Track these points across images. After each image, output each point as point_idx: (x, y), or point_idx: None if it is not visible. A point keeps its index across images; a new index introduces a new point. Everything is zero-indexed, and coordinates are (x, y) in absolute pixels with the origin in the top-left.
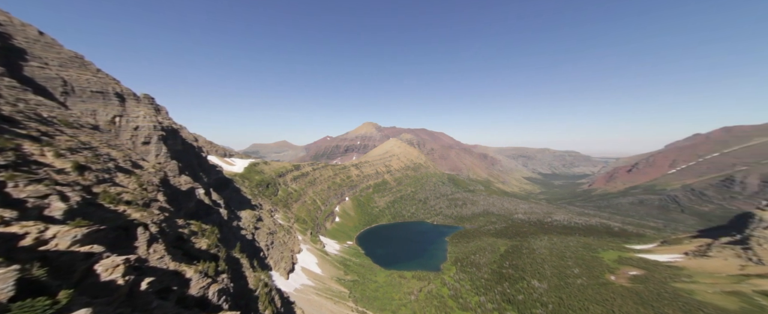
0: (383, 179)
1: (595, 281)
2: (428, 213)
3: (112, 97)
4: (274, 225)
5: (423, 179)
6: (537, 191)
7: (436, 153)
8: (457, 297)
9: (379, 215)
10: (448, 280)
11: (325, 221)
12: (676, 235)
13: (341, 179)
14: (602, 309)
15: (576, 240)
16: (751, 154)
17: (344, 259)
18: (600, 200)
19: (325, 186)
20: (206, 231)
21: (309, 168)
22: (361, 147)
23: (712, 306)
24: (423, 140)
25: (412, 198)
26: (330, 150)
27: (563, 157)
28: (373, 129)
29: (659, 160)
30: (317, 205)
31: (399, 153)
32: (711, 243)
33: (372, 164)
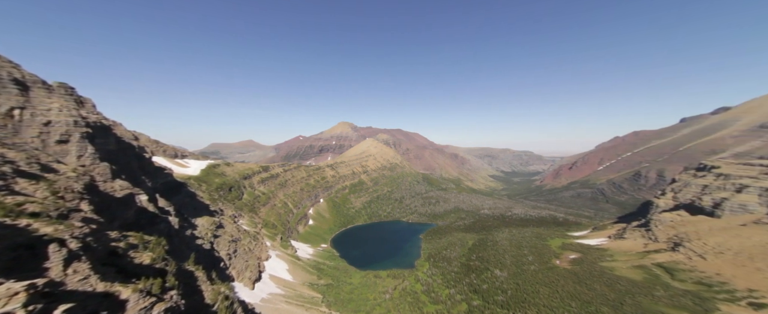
0: (360, 179)
1: (545, 266)
2: (404, 212)
3: (7, 84)
4: (237, 231)
5: (399, 179)
6: (500, 188)
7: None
8: (429, 291)
9: (355, 216)
10: (421, 276)
11: (297, 225)
12: (602, 222)
13: (315, 180)
14: (549, 290)
15: (530, 231)
16: (651, 153)
17: (318, 263)
18: (548, 194)
19: (297, 188)
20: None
21: (279, 170)
22: (337, 147)
23: (625, 279)
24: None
25: (388, 197)
26: (303, 150)
27: (521, 156)
28: (349, 129)
29: (591, 159)
30: (288, 208)
31: (376, 153)
32: (625, 227)
33: (348, 164)
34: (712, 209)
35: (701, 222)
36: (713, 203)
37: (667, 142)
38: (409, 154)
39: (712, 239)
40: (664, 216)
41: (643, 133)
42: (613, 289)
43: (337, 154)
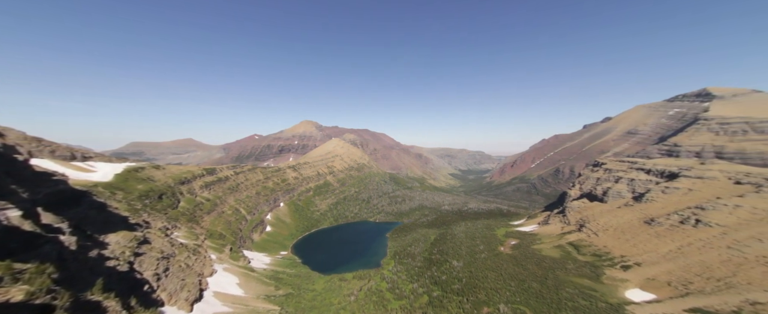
0: (325, 181)
1: (492, 253)
2: (371, 212)
3: None
4: (170, 246)
5: (366, 179)
6: (458, 185)
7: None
8: (393, 288)
9: (320, 219)
10: (386, 274)
11: (251, 233)
12: (534, 212)
13: (275, 183)
14: (495, 274)
15: (482, 223)
16: (566, 153)
17: (276, 273)
18: (496, 189)
19: (252, 193)
20: (26, 272)
21: (229, 172)
22: (300, 147)
23: (549, 257)
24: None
25: (355, 198)
26: (259, 150)
27: (475, 156)
28: (313, 128)
29: (526, 158)
30: (241, 215)
31: (342, 153)
32: (549, 214)
33: (313, 165)
34: (602, 196)
35: (596, 207)
36: (602, 191)
37: (575, 144)
38: (377, 154)
39: (601, 220)
40: (573, 204)
41: (560, 137)
42: (540, 267)
43: (299, 155)
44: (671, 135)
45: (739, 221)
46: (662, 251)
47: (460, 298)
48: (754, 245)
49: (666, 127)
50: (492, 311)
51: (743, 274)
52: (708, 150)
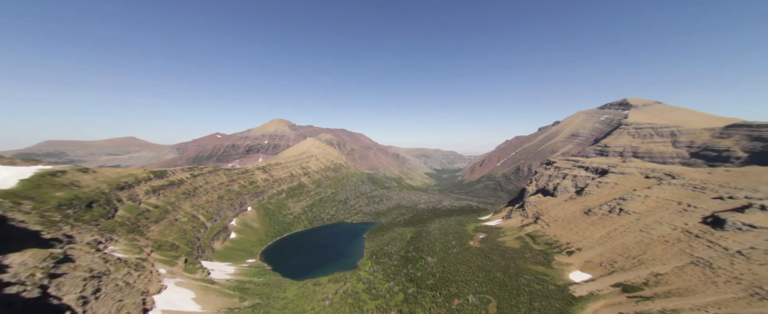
0: (299, 182)
1: (463, 247)
2: (348, 213)
3: None
4: (103, 263)
5: (344, 179)
6: (433, 184)
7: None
8: (370, 289)
9: (293, 222)
10: (363, 275)
11: (212, 241)
12: (499, 207)
13: (241, 186)
14: (465, 267)
15: (454, 219)
16: (525, 153)
17: (241, 283)
18: (467, 187)
19: (213, 197)
20: None
21: (184, 175)
22: (271, 147)
23: (511, 248)
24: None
25: (332, 199)
26: (222, 150)
27: (448, 155)
28: (286, 127)
29: (492, 158)
30: (199, 223)
31: (318, 153)
32: (511, 209)
33: (285, 166)
34: (553, 191)
35: (548, 201)
36: (553, 187)
37: (532, 145)
38: (355, 154)
39: (552, 212)
40: (530, 199)
41: (520, 138)
42: (504, 257)
43: (270, 155)
44: (603, 137)
45: (648, 208)
46: (596, 237)
47: (434, 293)
48: (657, 227)
49: (599, 130)
50: (462, 302)
51: (650, 252)
52: (628, 150)
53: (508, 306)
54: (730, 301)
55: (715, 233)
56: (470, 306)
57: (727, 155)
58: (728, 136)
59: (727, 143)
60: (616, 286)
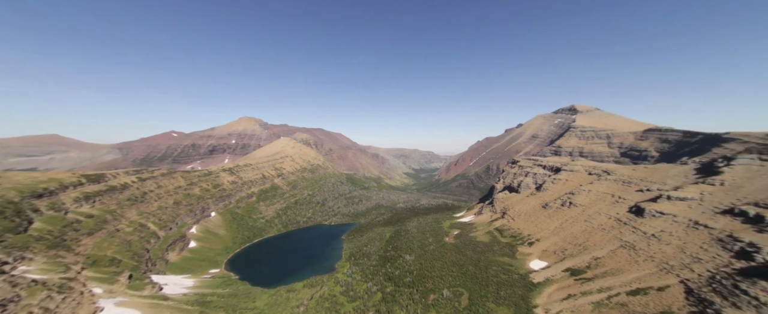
0: (273, 184)
1: (439, 244)
2: (326, 215)
3: None
4: (10, 288)
5: (321, 180)
6: (411, 183)
7: (334, 153)
8: (348, 291)
9: (265, 227)
10: (341, 277)
11: (166, 252)
12: (472, 204)
13: (203, 189)
14: (441, 263)
15: (431, 217)
16: (494, 153)
17: (202, 296)
18: (443, 186)
19: (168, 202)
20: None
21: (129, 179)
22: (239, 147)
23: (482, 242)
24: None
25: (309, 201)
26: (179, 150)
27: (426, 155)
28: (256, 125)
29: (466, 157)
30: (149, 232)
31: (293, 153)
32: (482, 205)
33: (257, 167)
34: (517, 188)
35: (513, 197)
36: (517, 184)
37: (500, 145)
38: (333, 155)
39: (517, 207)
40: (498, 196)
41: (490, 139)
42: (475, 251)
43: (238, 156)
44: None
45: (590, 201)
46: (551, 228)
47: (411, 290)
48: (597, 217)
49: (554, 132)
50: (437, 297)
51: (591, 239)
52: (575, 150)
53: (479, 297)
54: (646, 276)
55: (637, 220)
56: (445, 300)
57: (645, 154)
58: (646, 139)
59: (645, 144)
60: (566, 271)
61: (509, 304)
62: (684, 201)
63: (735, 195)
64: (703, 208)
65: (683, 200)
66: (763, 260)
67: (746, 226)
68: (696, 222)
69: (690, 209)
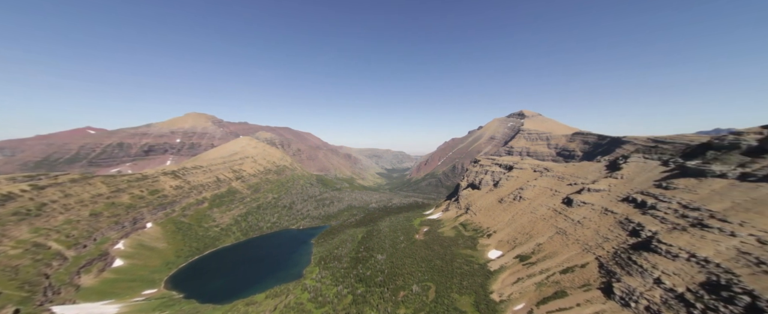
0: (230, 187)
1: (410, 242)
2: (294, 219)
3: None
4: None
5: (288, 183)
6: (384, 183)
7: (303, 154)
8: (316, 297)
9: (219, 236)
10: (309, 284)
11: (76, 275)
12: (440, 202)
13: (134, 197)
14: (411, 260)
15: (403, 216)
16: (459, 153)
17: None
18: (414, 185)
19: (81, 214)
20: None
21: (16, 187)
22: (185, 147)
23: (448, 237)
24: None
25: (274, 205)
26: (98, 150)
27: (398, 155)
28: (208, 123)
29: (435, 157)
30: (50, 253)
31: (255, 154)
32: (449, 203)
33: (209, 169)
34: (478, 185)
35: (475, 193)
36: (478, 181)
37: (464, 145)
38: (302, 155)
39: (478, 203)
40: (463, 193)
41: (455, 140)
42: (442, 246)
43: (185, 157)
44: (510, 140)
45: (535, 195)
46: (505, 220)
47: (382, 289)
48: (540, 209)
49: (507, 134)
50: (407, 293)
51: (536, 228)
52: (524, 150)
53: (444, 289)
54: (573, 256)
55: (567, 209)
56: (414, 295)
57: (573, 154)
58: (573, 141)
59: (572, 145)
60: (516, 258)
61: (470, 293)
62: (598, 192)
63: (629, 186)
64: (611, 197)
65: (598, 191)
66: (645, 236)
67: (636, 210)
68: (606, 209)
69: (602, 198)
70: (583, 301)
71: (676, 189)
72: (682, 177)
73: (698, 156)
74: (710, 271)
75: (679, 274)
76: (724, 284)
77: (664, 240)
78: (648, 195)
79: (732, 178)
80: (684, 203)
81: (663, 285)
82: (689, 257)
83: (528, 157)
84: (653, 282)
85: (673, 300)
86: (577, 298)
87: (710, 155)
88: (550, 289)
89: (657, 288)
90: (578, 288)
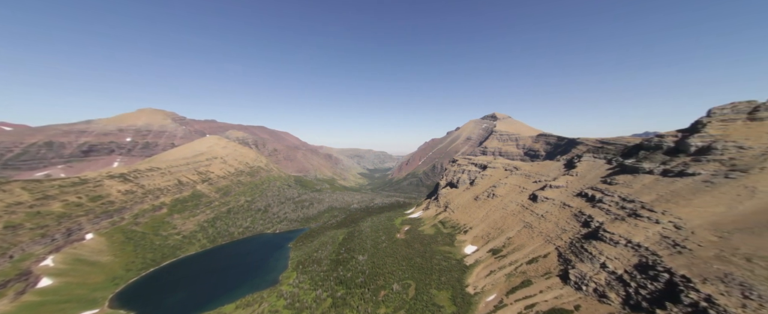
0: (194, 191)
1: (391, 241)
2: (269, 223)
3: None
4: None
5: (263, 184)
6: (366, 183)
7: (280, 154)
8: (293, 303)
9: (181, 244)
10: (285, 290)
11: None
12: (421, 201)
13: (68, 205)
14: (393, 259)
15: (385, 216)
16: (439, 153)
17: None
18: (396, 185)
19: None
20: None
21: None
22: (137, 146)
23: (428, 235)
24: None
25: (247, 209)
26: (17, 152)
27: (379, 155)
28: (167, 120)
29: (416, 157)
30: None
31: (225, 154)
32: (429, 201)
33: (169, 171)
34: (456, 183)
35: (453, 192)
36: (456, 180)
37: (443, 145)
38: (278, 156)
39: (456, 201)
40: (442, 191)
41: (435, 140)
42: (423, 244)
43: (138, 157)
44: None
45: (506, 192)
46: (480, 216)
47: (362, 290)
48: (510, 205)
49: (482, 135)
50: (387, 292)
51: (506, 223)
52: (497, 150)
53: (424, 286)
54: (538, 248)
55: (533, 205)
56: (394, 294)
57: (538, 153)
58: (538, 142)
59: (537, 146)
60: (489, 252)
61: (448, 287)
62: (558, 188)
63: (582, 182)
64: (568, 193)
65: (558, 188)
66: (594, 226)
67: (587, 204)
68: (564, 203)
69: (561, 194)
70: (545, 288)
71: (617, 184)
72: (622, 173)
73: (633, 155)
74: (641, 254)
75: (619, 258)
76: (650, 264)
77: (608, 229)
78: (596, 190)
79: (657, 174)
80: (623, 196)
81: (607, 268)
82: (626, 243)
83: (500, 156)
84: (600, 266)
85: (614, 281)
86: (540, 286)
87: (642, 154)
88: (518, 279)
89: (603, 272)
90: (541, 276)
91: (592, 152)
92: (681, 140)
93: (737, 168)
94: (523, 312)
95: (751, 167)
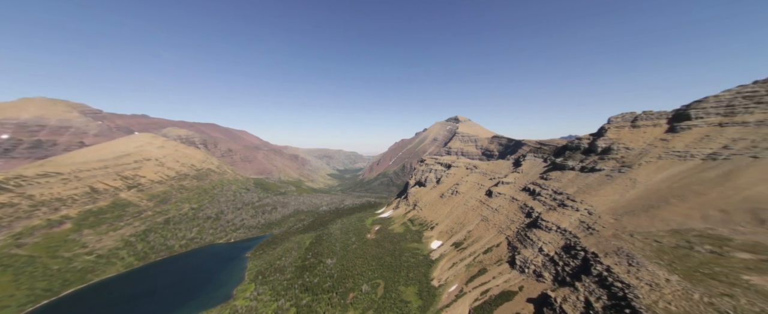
0: (115, 200)
1: (361, 242)
2: (222, 232)
3: None
4: None
5: (214, 189)
6: (336, 184)
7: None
8: None
9: (94, 266)
10: (240, 304)
11: None
12: (391, 200)
13: None
14: (362, 260)
15: (355, 217)
16: (408, 153)
17: None
18: (367, 185)
19: None
20: None
21: None
22: (22, 145)
23: (398, 233)
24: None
25: (191, 218)
26: None
27: (350, 156)
28: (73, 112)
29: (386, 157)
30: None
31: (162, 155)
32: (399, 200)
33: (76, 177)
34: (424, 182)
35: (422, 190)
36: (424, 179)
37: (412, 146)
38: (234, 156)
39: (424, 199)
40: (411, 190)
41: (405, 140)
42: (392, 242)
43: (23, 160)
44: (448, 141)
45: (467, 189)
46: (445, 213)
47: (330, 295)
48: (470, 201)
49: (446, 136)
50: (356, 294)
51: (467, 218)
52: (459, 151)
53: (393, 283)
54: (492, 238)
55: (489, 200)
56: (363, 295)
57: (493, 153)
58: (492, 142)
59: (492, 147)
60: (452, 245)
61: (415, 283)
62: (508, 184)
63: (526, 178)
64: (516, 188)
65: (508, 184)
66: (534, 216)
67: (530, 197)
68: (513, 198)
69: (510, 189)
70: (497, 274)
71: (551, 179)
72: (554, 170)
73: (561, 154)
74: (566, 237)
75: (551, 242)
76: (572, 245)
77: (544, 218)
78: (536, 184)
79: (577, 170)
80: (555, 189)
81: (543, 252)
82: (557, 229)
83: (462, 156)
84: (538, 251)
85: (548, 262)
86: (493, 272)
87: (567, 154)
88: (476, 268)
89: (540, 255)
90: (494, 264)
91: (533, 152)
92: (592, 142)
93: (625, 165)
94: (479, 298)
95: (634, 163)
